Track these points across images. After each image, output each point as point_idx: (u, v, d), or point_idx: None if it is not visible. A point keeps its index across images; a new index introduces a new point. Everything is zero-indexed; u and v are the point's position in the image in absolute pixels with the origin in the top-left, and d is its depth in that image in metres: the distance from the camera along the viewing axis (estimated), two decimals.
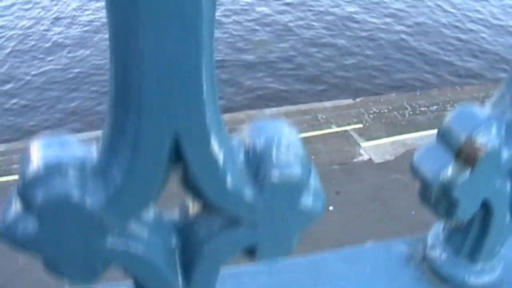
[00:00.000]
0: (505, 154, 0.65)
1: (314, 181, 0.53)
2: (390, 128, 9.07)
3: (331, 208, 7.38)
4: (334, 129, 8.96)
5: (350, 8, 15.03)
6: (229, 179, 0.47)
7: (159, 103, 0.42)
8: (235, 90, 10.75)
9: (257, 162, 0.48)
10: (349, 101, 9.89)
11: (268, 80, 11.29)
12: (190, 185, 0.48)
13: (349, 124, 9.09)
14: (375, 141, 8.73)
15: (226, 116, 9.18)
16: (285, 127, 0.51)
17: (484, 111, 0.65)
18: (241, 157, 0.49)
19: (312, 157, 8.19)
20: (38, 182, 0.45)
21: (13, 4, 14.37)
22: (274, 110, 9.40)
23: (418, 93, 10.40)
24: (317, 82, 11.39)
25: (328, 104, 9.73)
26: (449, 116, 0.67)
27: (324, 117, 9.24)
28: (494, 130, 0.63)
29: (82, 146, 0.47)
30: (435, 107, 9.84)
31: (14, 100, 10.72)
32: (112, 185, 0.45)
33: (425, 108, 9.75)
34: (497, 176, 0.68)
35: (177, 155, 0.46)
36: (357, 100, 9.93)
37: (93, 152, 0.47)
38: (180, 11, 0.38)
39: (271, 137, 0.49)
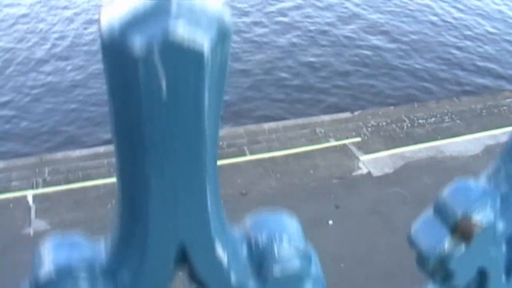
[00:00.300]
0: (500, 226, 0.67)
1: (314, 268, 0.55)
2: (388, 141, 9.09)
3: (330, 222, 7.39)
4: (333, 143, 8.96)
5: (350, 22, 15.11)
6: (233, 277, 0.49)
7: (165, 217, 0.44)
8: (234, 103, 10.78)
9: (260, 258, 0.50)
10: (347, 114, 9.91)
11: (267, 94, 11.34)
12: (196, 281, 0.51)
13: (347, 138, 9.10)
14: (374, 154, 8.74)
15: (225, 132, 9.21)
16: (286, 220, 0.54)
17: (479, 185, 0.67)
18: (244, 252, 0.51)
19: (311, 171, 8.20)
20: (50, 284, 0.47)
21: (14, 24, 14.45)
22: (273, 125, 9.42)
23: (416, 106, 10.42)
24: (316, 95, 11.43)
25: (326, 117, 9.75)
26: (445, 191, 0.69)
27: (322, 131, 9.26)
28: (489, 205, 0.65)
29: (91, 247, 0.49)
30: (433, 119, 9.87)
31: (14, 116, 10.74)
32: (122, 286, 0.48)
33: (423, 121, 9.78)
34: (492, 245, 0.70)
35: (183, 257, 0.48)
36: (355, 113, 9.95)
37: (102, 254, 0.49)
38: (184, 141, 0.40)
39: (273, 232, 0.51)
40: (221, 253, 0.48)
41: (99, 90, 11.29)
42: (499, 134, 9.70)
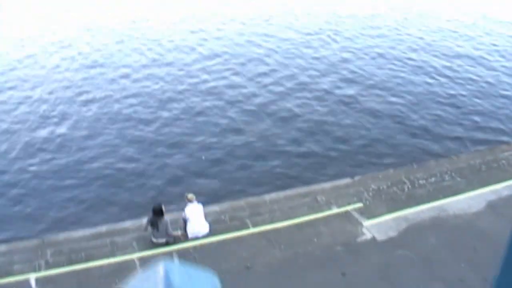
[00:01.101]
0: None
1: None
2: (390, 204, 9.06)
3: None
4: (335, 210, 8.93)
5: (348, 89, 15.36)
6: None
7: None
8: (232, 176, 10.82)
9: None
10: (348, 180, 9.92)
11: (266, 164, 11.39)
12: None
13: (349, 204, 9.08)
14: (377, 218, 8.70)
15: (227, 205, 9.19)
16: None
17: None
18: None
19: (315, 240, 8.12)
20: None
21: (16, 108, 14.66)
22: (274, 195, 9.40)
23: (415, 166, 10.44)
24: (315, 161, 11.48)
25: (327, 185, 9.73)
26: None
27: (324, 198, 9.24)
28: None
29: None
30: (433, 179, 9.88)
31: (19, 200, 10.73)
32: None
33: (424, 181, 9.78)
34: None
35: None
36: (356, 178, 9.95)
37: None
38: None
39: None
40: None
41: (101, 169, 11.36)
42: (500, 189, 9.68)
